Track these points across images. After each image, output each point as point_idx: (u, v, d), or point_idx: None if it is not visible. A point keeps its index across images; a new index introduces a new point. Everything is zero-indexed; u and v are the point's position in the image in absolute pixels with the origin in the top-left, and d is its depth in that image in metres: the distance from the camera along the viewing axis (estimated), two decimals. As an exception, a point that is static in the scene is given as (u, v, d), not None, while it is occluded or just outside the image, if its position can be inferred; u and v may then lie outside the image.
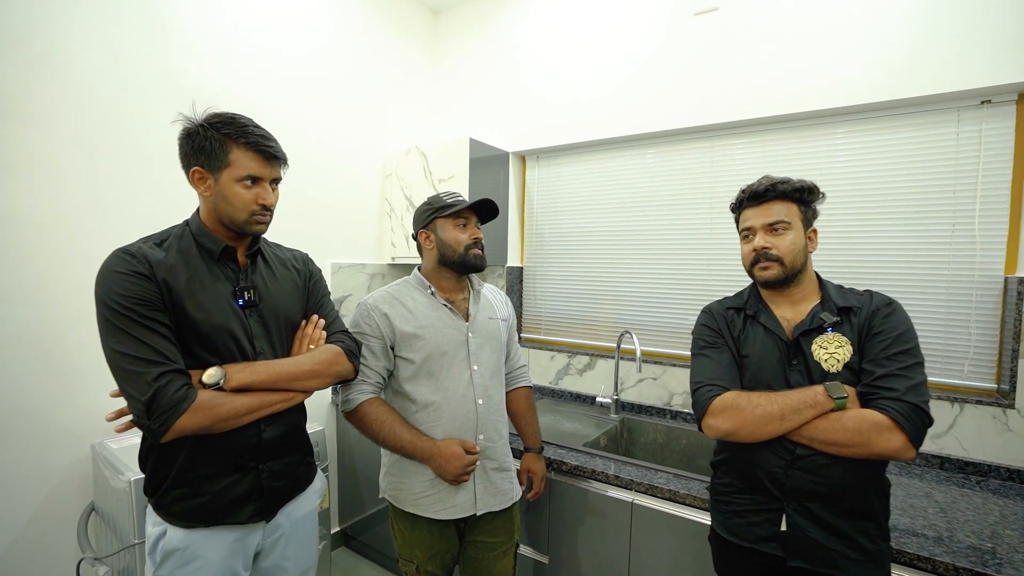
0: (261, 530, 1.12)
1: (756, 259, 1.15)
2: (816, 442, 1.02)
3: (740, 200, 1.21)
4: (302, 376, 1.10)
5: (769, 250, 1.13)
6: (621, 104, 2.27)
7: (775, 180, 1.15)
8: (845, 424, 0.99)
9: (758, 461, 1.10)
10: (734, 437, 1.08)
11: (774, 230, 1.14)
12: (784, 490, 1.07)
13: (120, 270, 0.96)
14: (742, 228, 1.21)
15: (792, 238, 1.12)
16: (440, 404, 1.34)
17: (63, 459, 1.61)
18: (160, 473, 1.04)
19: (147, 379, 0.91)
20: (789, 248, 1.12)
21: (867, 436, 0.97)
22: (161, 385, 0.91)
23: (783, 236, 1.13)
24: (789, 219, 1.13)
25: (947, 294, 1.71)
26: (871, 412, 0.99)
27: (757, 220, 1.16)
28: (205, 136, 1.02)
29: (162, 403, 0.91)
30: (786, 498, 1.07)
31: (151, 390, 0.91)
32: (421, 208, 1.44)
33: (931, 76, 1.65)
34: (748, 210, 1.19)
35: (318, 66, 2.34)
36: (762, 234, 1.15)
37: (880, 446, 0.97)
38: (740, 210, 1.22)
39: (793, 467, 1.05)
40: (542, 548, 1.76)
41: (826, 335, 1.09)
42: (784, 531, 1.07)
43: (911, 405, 0.97)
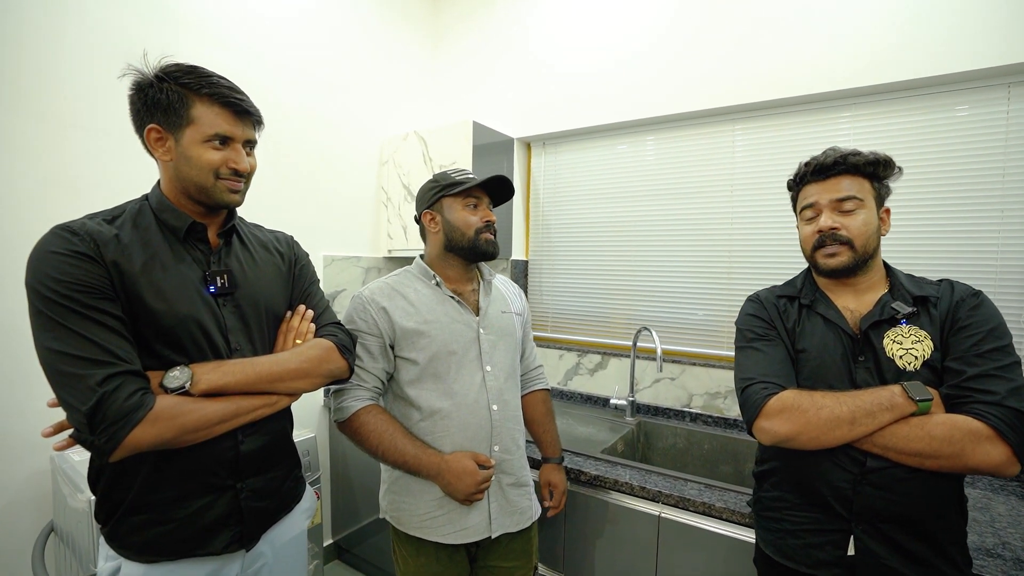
0: (240, 560, 0.95)
1: (820, 242, 0.99)
2: (893, 452, 0.87)
3: (802, 174, 1.05)
4: (287, 376, 0.92)
5: (838, 231, 0.97)
6: (631, 87, 2.11)
7: (845, 151, 0.99)
8: (931, 431, 0.84)
9: (819, 473, 0.94)
10: (793, 443, 0.92)
11: (844, 209, 0.98)
12: (852, 508, 0.92)
13: (57, 249, 0.78)
14: (803, 206, 1.05)
15: (865, 218, 0.97)
16: (449, 411, 1.17)
17: (19, 472, 1.43)
18: (113, 497, 0.86)
19: (90, 383, 0.74)
20: (861, 229, 0.97)
21: (960, 446, 0.82)
22: (108, 390, 0.74)
23: (854, 215, 0.97)
24: (861, 195, 0.97)
25: (996, 285, 1.57)
26: (965, 418, 0.84)
27: (823, 196, 1.00)
28: (160, 88, 0.84)
29: (109, 413, 0.73)
30: (855, 518, 0.92)
31: (95, 397, 0.73)
32: (426, 186, 1.27)
33: (978, 49, 1.51)
34: (811, 186, 1.03)
35: (307, 42, 2.16)
36: (828, 212, 0.99)
37: (977, 459, 0.82)
38: (800, 186, 1.06)
39: (863, 482, 0.90)
40: (558, 567, 1.60)
41: (900, 328, 0.94)
42: (852, 556, 0.92)
43: (1015, 412, 0.82)
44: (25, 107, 1.42)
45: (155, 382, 0.82)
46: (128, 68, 0.87)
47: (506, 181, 1.25)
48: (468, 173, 1.25)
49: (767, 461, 1.08)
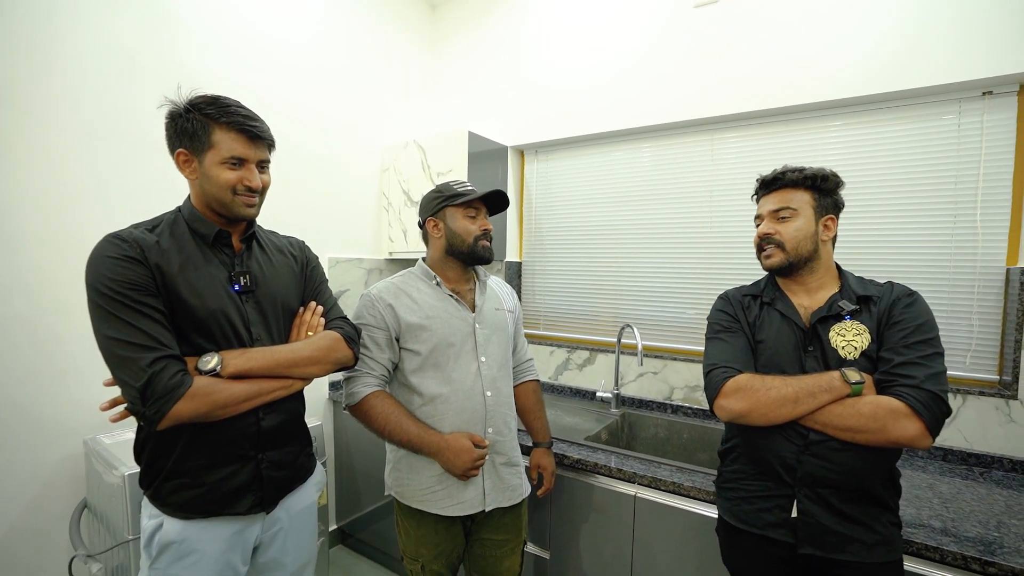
0: (260, 523, 1.09)
1: (760, 246, 1.18)
2: (830, 427, 1.01)
3: (756, 189, 1.23)
4: (300, 363, 1.07)
5: (772, 236, 1.15)
6: (620, 97, 2.25)
7: (787, 168, 1.16)
8: (861, 410, 0.99)
9: (770, 447, 1.09)
10: (746, 419, 1.07)
11: (779, 217, 1.15)
12: (796, 476, 1.06)
13: (111, 255, 0.93)
14: (756, 214, 1.23)
15: (798, 225, 1.13)
16: (447, 396, 1.32)
17: (55, 455, 1.57)
18: (156, 465, 1.01)
19: (141, 364, 0.88)
20: (792, 234, 1.13)
21: (883, 422, 0.97)
22: (156, 371, 0.89)
23: (787, 223, 1.14)
24: (796, 206, 1.13)
25: (949, 286, 1.71)
26: (888, 398, 0.98)
27: (765, 207, 1.18)
28: (187, 118, 0.99)
29: (157, 389, 0.88)
30: (797, 484, 1.06)
31: (145, 376, 0.88)
32: (430, 195, 1.41)
33: (932, 67, 1.65)
34: (761, 198, 1.21)
35: (315, 59, 2.31)
36: (768, 221, 1.17)
37: (896, 433, 0.96)
38: (757, 200, 1.24)
39: (805, 452, 1.04)
40: (544, 544, 1.75)
41: (844, 323, 1.09)
42: (795, 517, 1.06)
43: (930, 393, 0.96)
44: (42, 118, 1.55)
45: (191, 365, 0.96)
46: (165, 100, 1.02)
47: (503, 195, 1.39)
48: (469, 185, 1.39)
49: (730, 440, 1.23)
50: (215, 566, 1.01)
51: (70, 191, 1.59)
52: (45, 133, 1.54)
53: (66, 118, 1.58)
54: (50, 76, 1.54)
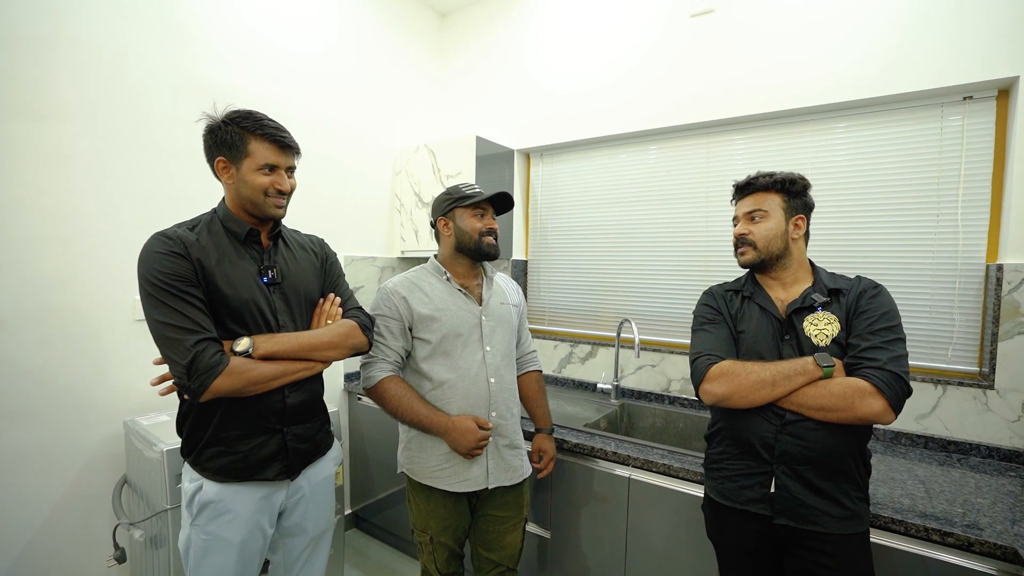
0: (285, 489, 1.23)
1: (735, 245, 1.30)
2: (804, 408, 1.11)
3: (733, 193, 1.35)
4: (321, 347, 1.20)
5: (745, 236, 1.26)
6: (622, 102, 2.36)
7: (758, 174, 1.27)
8: (832, 390, 1.08)
9: (751, 428, 1.18)
10: (728, 402, 1.17)
11: (752, 218, 1.26)
12: (774, 454, 1.15)
13: (160, 250, 1.08)
14: (733, 216, 1.34)
15: (768, 225, 1.24)
16: (454, 382, 1.44)
17: (96, 435, 1.72)
18: (195, 435, 1.15)
19: (187, 345, 1.02)
20: (763, 234, 1.24)
21: (851, 400, 1.06)
22: (199, 350, 1.02)
23: (759, 224, 1.25)
24: (767, 208, 1.24)
25: (932, 282, 1.80)
26: (855, 379, 1.08)
27: (740, 210, 1.30)
28: (226, 131, 1.13)
29: (200, 366, 1.02)
30: (775, 461, 1.15)
31: (191, 355, 1.02)
32: (441, 197, 1.54)
33: (917, 73, 1.73)
34: (737, 202, 1.33)
35: (329, 68, 2.44)
36: (742, 222, 1.29)
37: (863, 410, 1.06)
38: (735, 203, 1.35)
39: (783, 432, 1.14)
40: (545, 524, 1.86)
41: (816, 313, 1.19)
42: (772, 492, 1.15)
43: (892, 374, 1.06)
44: (98, 131, 1.71)
45: (226, 348, 1.10)
46: (203, 115, 1.16)
47: (508, 196, 1.51)
48: (476, 187, 1.52)
49: (715, 424, 1.33)
50: (247, 525, 1.14)
51: (111, 196, 1.74)
52: (89, 143, 1.69)
53: (106, 129, 1.73)
54: (94, 91, 1.69)
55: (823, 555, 1.10)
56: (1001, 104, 1.69)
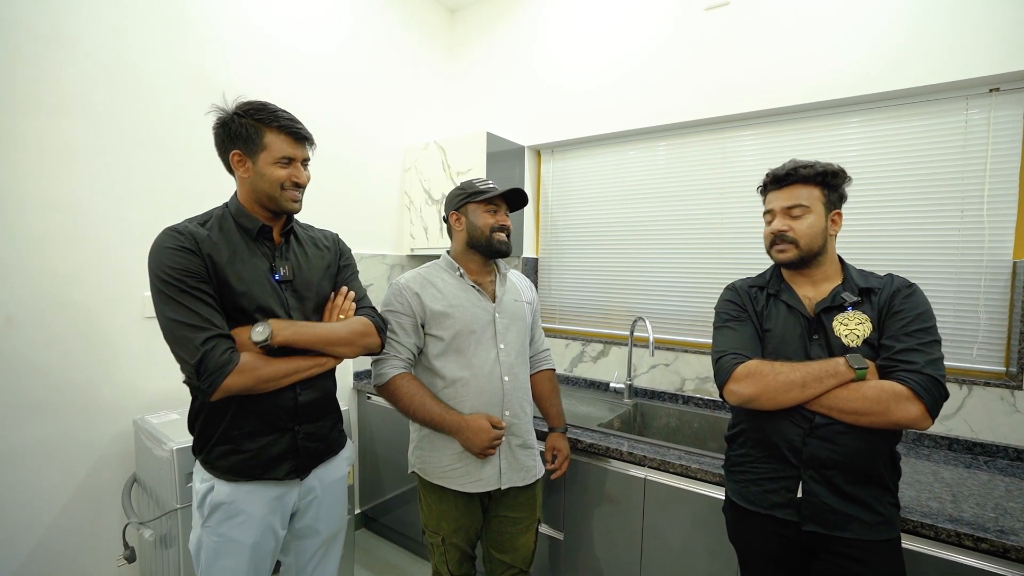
0: (297, 490, 1.20)
1: (773, 241, 1.21)
2: (835, 411, 1.06)
3: (765, 183, 1.26)
4: (337, 342, 1.18)
5: (785, 232, 1.18)
6: (633, 97, 2.32)
7: (798, 164, 1.18)
8: (865, 393, 1.04)
9: (777, 430, 1.13)
10: (755, 403, 1.12)
11: (792, 213, 1.18)
12: (801, 458, 1.10)
13: (170, 245, 1.05)
14: (764, 211, 1.26)
15: (811, 221, 1.16)
16: (468, 380, 1.41)
17: (106, 433, 1.71)
18: (207, 433, 1.13)
19: (195, 344, 1.00)
20: (805, 231, 1.16)
21: (886, 405, 1.02)
22: (208, 349, 1.00)
23: (801, 219, 1.17)
24: (809, 203, 1.17)
25: (956, 279, 1.75)
26: (891, 383, 1.03)
27: (777, 203, 1.21)
28: (240, 123, 1.11)
29: (210, 365, 1.00)
30: (803, 465, 1.10)
31: (199, 353, 0.99)
32: (454, 192, 1.51)
33: (939, 65, 1.69)
34: (771, 193, 1.24)
35: (337, 62, 2.42)
36: (780, 217, 1.20)
37: (898, 415, 1.01)
38: (765, 193, 1.27)
39: (811, 435, 1.09)
40: (558, 525, 1.83)
41: (847, 313, 1.14)
42: (800, 497, 1.11)
43: (929, 377, 1.01)
44: (111, 129, 1.70)
45: (244, 335, 1.07)
46: (212, 107, 1.14)
47: (521, 192, 1.48)
48: (490, 183, 1.49)
49: (737, 425, 1.28)
50: (259, 526, 1.12)
51: (118, 192, 1.72)
52: (96, 139, 1.68)
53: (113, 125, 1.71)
54: (100, 87, 1.68)
55: (854, 562, 1.06)
56: (1030, 96, 1.64)
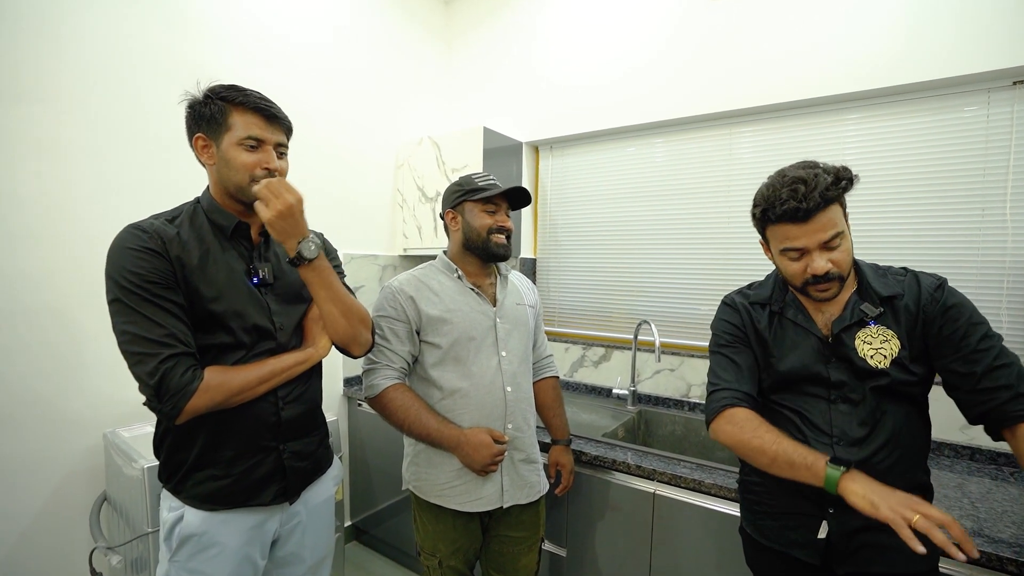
0: (279, 515, 1.09)
1: (814, 280, 0.98)
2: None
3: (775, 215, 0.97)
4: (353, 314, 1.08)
5: (831, 271, 0.96)
6: (635, 92, 2.23)
7: (816, 186, 0.93)
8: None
9: None
10: (733, 451, 1.02)
11: (831, 247, 0.96)
12: (826, 496, 0.94)
13: (132, 246, 0.93)
14: (786, 248, 1.00)
15: (847, 247, 0.98)
16: (467, 391, 1.30)
17: (74, 448, 1.58)
18: (177, 457, 1.00)
19: (155, 363, 0.88)
20: (847, 260, 0.98)
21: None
22: (168, 368, 0.89)
23: (840, 249, 0.97)
24: (841, 225, 0.97)
25: (977, 281, 1.67)
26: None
27: (810, 240, 0.96)
28: (206, 103, 0.99)
29: (170, 387, 0.88)
30: (827, 503, 0.98)
31: (158, 374, 0.88)
32: (451, 188, 1.40)
33: (960, 56, 1.61)
34: (790, 227, 0.97)
35: (328, 54, 2.30)
36: (819, 254, 0.96)
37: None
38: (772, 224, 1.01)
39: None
40: (561, 541, 1.73)
41: (869, 328, 1.00)
42: (822, 538, 0.99)
43: None
44: (72, 116, 1.57)
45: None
46: (185, 94, 1.02)
47: (523, 191, 1.37)
48: (492, 179, 1.37)
49: None
50: (235, 559, 1.00)
51: (95, 187, 1.60)
52: (73, 131, 1.56)
53: (93, 116, 1.59)
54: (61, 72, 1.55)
55: None
56: (1055, 89, 1.56)
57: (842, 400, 1.01)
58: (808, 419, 1.03)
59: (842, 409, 1.00)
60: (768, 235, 1.04)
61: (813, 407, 1.03)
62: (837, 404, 1.01)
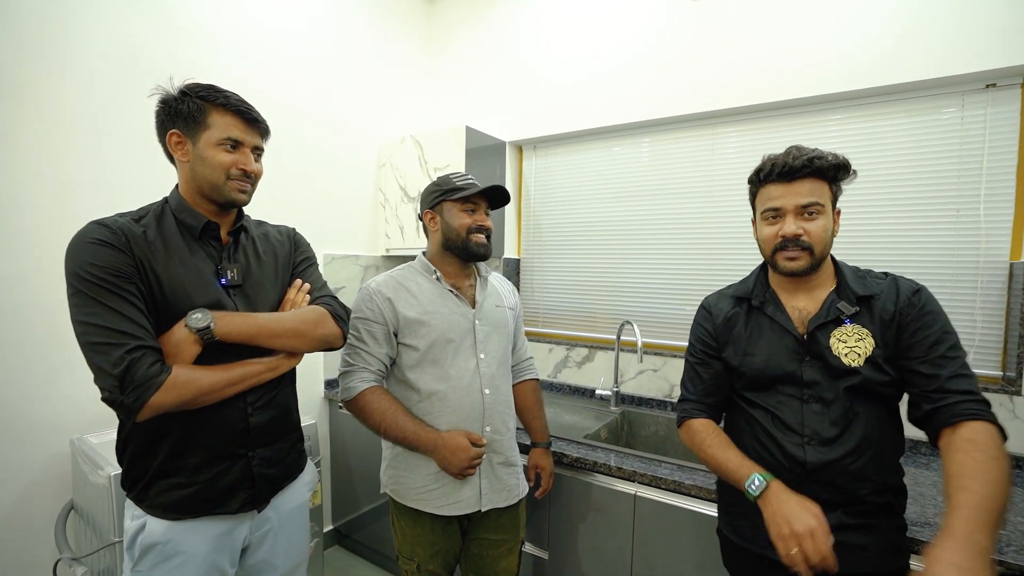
0: (249, 523, 1.06)
1: (783, 246, 1.02)
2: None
3: (767, 172, 1.03)
4: (284, 333, 1.02)
5: (800, 237, 0.99)
6: (619, 92, 2.23)
7: (810, 153, 0.99)
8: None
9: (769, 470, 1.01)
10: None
11: (807, 213, 0.99)
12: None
13: (95, 239, 0.90)
14: (766, 208, 1.04)
15: (824, 223, 1.00)
16: (445, 393, 1.28)
17: (41, 454, 1.53)
18: (140, 466, 0.97)
19: (120, 352, 0.85)
20: (821, 236, 1.00)
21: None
22: (135, 358, 0.85)
23: (815, 221, 0.99)
24: (824, 201, 1.00)
25: (952, 281, 1.69)
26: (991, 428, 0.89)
27: (788, 200, 1.00)
28: (183, 101, 0.96)
29: (136, 376, 0.85)
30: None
31: (124, 363, 0.84)
32: (429, 188, 1.38)
33: (934, 59, 1.63)
34: (775, 187, 1.02)
35: (309, 51, 2.26)
36: (793, 218, 1.00)
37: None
38: (763, 184, 1.05)
39: (808, 480, 0.98)
40: (543, 544, 1.71)
41: (845, 327, 1.00)
42: None
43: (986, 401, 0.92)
44: (41, 112, 1.52)
45: (177, 335, 0.92)
46: (157, 88, 0.99)
47: (502, 190, 1.35)
48: (470, 179, 1.35)
49: None
50: (201, 568, 0.97)
51: (67, 186, 1.55)
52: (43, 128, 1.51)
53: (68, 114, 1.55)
54: (34, 67, 1.50)
55: None
56: (1027, 92, 1.59)
57: (815, 400, 1.01)
58: (780, 419, 1.03)
59: (815, 409, 1.00)
60: (757, 203, 1.09)
61: (786, 406, 1.03)
62: (810, 403, 1.01)
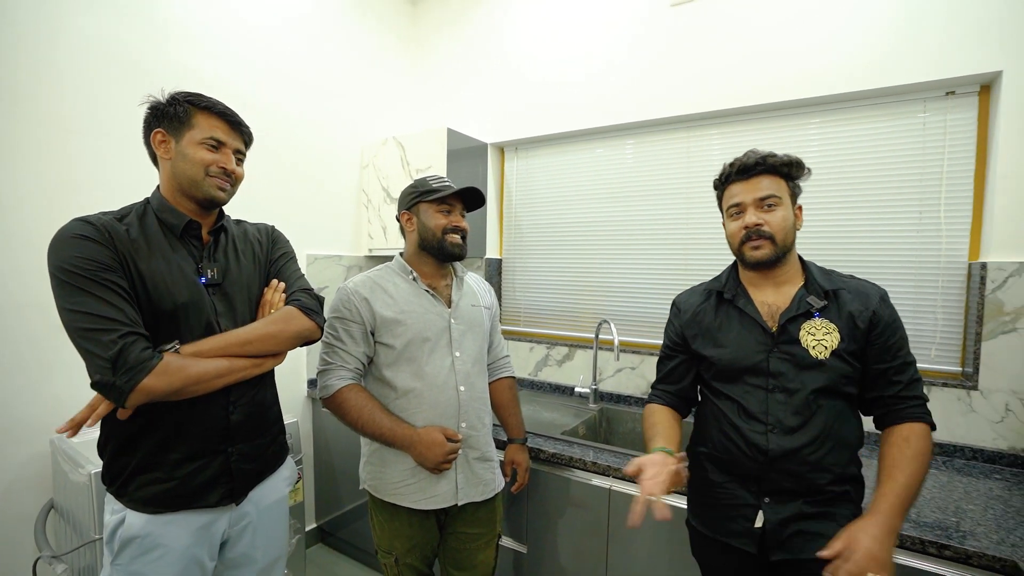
0: (227, 516, 1.08)
1: (747, 237, 1.09)
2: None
3: (727, 174, 1.14)
4: (255, 340, 1.05)
5: (761, 226, 1.07)
6: (599, 95, 2.27)
7: (763, 153, 1.09)
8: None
9: (734, 460, 1.07)
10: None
11: (765, 205, 1.08)
12: (761, 488, 1.05)
13: (78, 234, 0.92)
14: (729, 205, 1.14)
15: (783, 214, 1.07)
16: (421, 391, 1.32)
17: (21, 454, 1.54)
18: (120, 461, 0.99)
19: (112, 336, 0.87)
20: (781, 225, 1.07)
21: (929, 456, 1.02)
22: (128, 342, 0.88)
23: (774, 212, 1.07)
24: (780, 194, 1.08)
25: (915, 280, 1.76)
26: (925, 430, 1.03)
27: (747, 195, 1.09)
28: (170, 104, 1.01)
29: (129, 359, 0.87)
30: (762, 494, 1.05)
31: (117, 346, 0.87)
32: (406, 190, 1.42)
33: (899, 68, 1.69)
34: (735, 185, 1.12)
35: (292, 52, 2.28)
36: (753, 210, 1.08)
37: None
38: (726, 186, 1.15)
39: (772, 469, 1.03)
40: (521, 538, 1.75)
41: (814, 321, 1.06)
42: (757, 528, 1.05)
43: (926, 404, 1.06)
44: (27, 112, 1.53)
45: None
46: (148, 97, 1.03)
47: (477, 192, 1.39)
48: (446, 181, 1.39)
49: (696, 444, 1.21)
50: (180, 561, 1.00)
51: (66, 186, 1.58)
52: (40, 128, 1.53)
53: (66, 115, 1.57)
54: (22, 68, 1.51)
55: None
56: (983, 100, 1.66)
57: (779, 390, 1.06)
58: (744, 408, 1.08)
59: (779, 398, 1.06)
60: (723, 203, 1.18)
61: (751, 396, 1.08)
62: (774, 393, 1.06)
